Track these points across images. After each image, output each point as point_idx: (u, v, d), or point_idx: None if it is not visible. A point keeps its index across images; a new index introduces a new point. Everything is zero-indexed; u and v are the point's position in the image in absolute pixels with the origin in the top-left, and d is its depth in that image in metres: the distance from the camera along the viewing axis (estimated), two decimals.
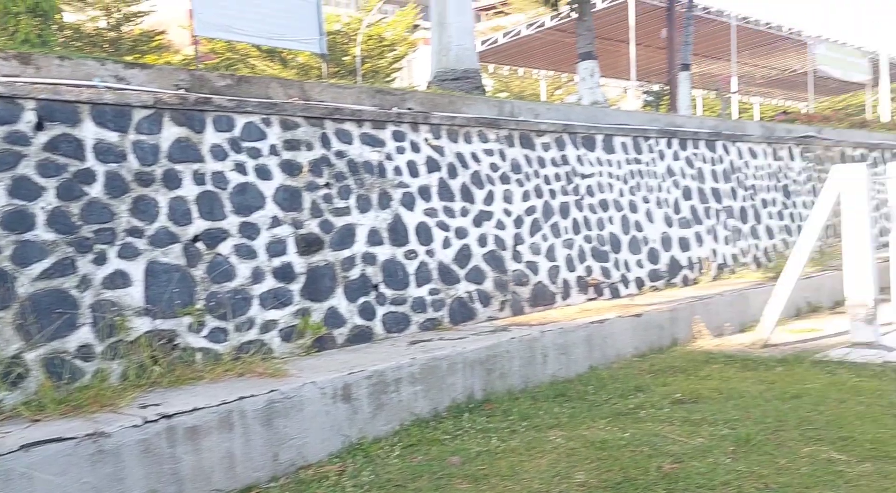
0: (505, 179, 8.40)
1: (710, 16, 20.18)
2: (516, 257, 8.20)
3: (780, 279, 8.00)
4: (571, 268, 8.76)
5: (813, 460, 4.51)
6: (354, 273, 6.75)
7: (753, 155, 12.18)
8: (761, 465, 4.47)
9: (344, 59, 24.64)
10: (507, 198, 8.36)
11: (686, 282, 10.16)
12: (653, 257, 9.83)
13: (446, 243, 7.58)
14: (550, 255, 8.57)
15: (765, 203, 12.11)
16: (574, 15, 13.90)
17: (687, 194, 10.68)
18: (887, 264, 8.49)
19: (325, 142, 6.91)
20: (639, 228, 9.77)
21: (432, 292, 7.29)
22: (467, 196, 7.96)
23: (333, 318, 6.50)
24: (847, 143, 14.83)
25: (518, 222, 8.37)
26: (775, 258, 11.41)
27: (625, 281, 9.36)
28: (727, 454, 4.69)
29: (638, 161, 10.10)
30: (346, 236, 6.78)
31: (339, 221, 6.77)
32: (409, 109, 7.68)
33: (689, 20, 16.68)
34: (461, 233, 7.76)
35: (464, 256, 7.70)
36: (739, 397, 5.94)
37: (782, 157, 12.83)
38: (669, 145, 10.68)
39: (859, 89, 31.10)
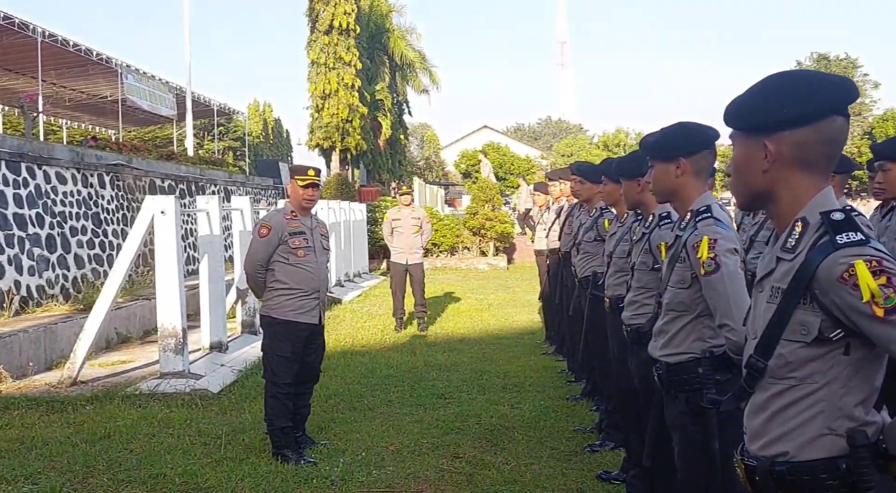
0: None
1: (13, 27, 18.64)
2: None
3: (92, 311, 7.64)
4: None
5: None
6: None
7: (62, 180, 11.55)
8: None
9: None
10: None
11: None
12: None
13: None
14: None
15: (74, 231, 11.58)
16: None
17: None
18: (196, 291, 8.87)
19: None
20: None
21: None
22: None
23: None
24: (157, 173, 15.30)
25: None
26: (86, 289, 10.97)
27: None
28: None
29: None
30: None
31: None
32: None
33: None
34: None
35: None
36: (44, 446, 5.39)
37: (93, 184, 12.49)
38: None
39: (167, 122, 32.71)
